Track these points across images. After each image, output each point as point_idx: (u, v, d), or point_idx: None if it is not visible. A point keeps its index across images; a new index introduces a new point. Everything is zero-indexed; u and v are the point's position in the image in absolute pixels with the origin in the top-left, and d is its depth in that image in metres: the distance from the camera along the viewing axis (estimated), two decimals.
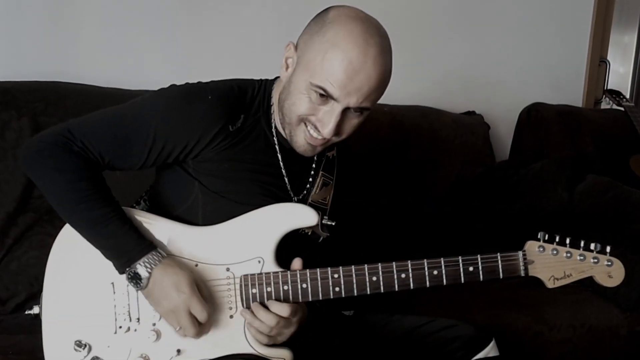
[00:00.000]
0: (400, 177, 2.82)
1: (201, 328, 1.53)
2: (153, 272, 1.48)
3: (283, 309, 1.53)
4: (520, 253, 1.61)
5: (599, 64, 3.61)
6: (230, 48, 2.83)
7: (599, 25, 3.55)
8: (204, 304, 1.50)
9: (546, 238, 1.61)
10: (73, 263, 1.57)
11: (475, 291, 2.31)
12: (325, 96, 1.49)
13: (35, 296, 2.12)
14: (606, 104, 3.64)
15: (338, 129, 1.55)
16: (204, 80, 1.64)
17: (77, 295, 1.56)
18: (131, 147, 1.55)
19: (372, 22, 1.52)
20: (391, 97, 1.56)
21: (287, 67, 1.59)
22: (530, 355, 2.19)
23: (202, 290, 1.53)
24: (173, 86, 1.62)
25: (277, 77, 1.68)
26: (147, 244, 1.51)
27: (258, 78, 1.71)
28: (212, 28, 2.80)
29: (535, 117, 3.20)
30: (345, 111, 1.52)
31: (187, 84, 1.62)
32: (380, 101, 1.59)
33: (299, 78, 1.53)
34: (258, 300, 1.56)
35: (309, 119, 1.54)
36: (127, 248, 1.49)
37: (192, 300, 1.48)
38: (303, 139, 1.58)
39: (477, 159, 3.01)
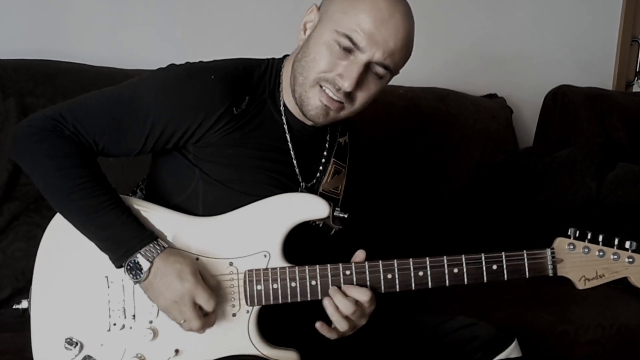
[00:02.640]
0: (415, 165, 2.81)
1: (206, 321, 1.52)
2: (154, 262, 1.48)
3: (364, 293, 1.54)
4: (548, 251, 1.61)
5: (630, 43, 3.58)
6: (234, 24, 2.81)
7: (632, 1, 3.52)
8: (210, 292, 1.50)
9: (577, 235, 1.60)
10: (64, 255, 1.57)
11: (496, 288, 2.30)
12: (349, 49, 1.51)
13: (21, 291, 2.13)
14: (638, 86, 3.63)
15: (358, 86, 1.55)
16: (205, 60, 1.63)
17: (68, 290, 1.56)
18: (127, 132, 1.55)
19: None
20: (406, 78, 1.55)
21: (305, 31, 1.60)
22: (555, 357, 2.19)
23: (209, 280, 1.53)
24: (172, 66, 1.62)
25: (286, 56, 1.68)
26: (147, 234, 1.51)
27: (265, 57, 1.70)
28: (213, 1, 2.79)
29: (561, 101, 3.17)
30: (367, 69, 1.54)
31: (187, 63, 1.62)
32: (394, 82, 1.59)
33: (320, 32, 1.55)
34: (263, 297, 1.56)
35: (326, 77, 1.55)
36: (125, 239, 1.49)
37: (197, 289, 1.48)
38: (317, 100, 1.58)
39: (498, 145, 3.00)
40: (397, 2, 1.52)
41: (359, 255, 1.58)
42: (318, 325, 1.57)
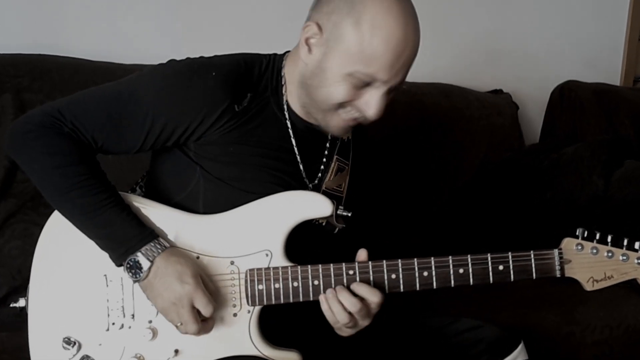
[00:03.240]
0: (418, 162, 2.81)
1: (203, 325, 1.52)
2: (155, 261, 1.48)
3: (373, 293, 1.53)
4: (555, 251, 1.61)
5: (638, 38, 3.58)
6: (235, 18, 2.81)
7: None
8: (210, 297, 1.50)
9: (585, 235, 1.60)
10: (63, 252, 1.57)
11: (501, 288, 2.26)
12: (370, 83, 1.51)
13: (17, 290, 2.13)
14: None
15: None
16: (206, 55, 1.63)
17: (66, 288, 1.56)
18: (127, 130, 1.55)
19: None
20: (410, 73, 1.54)
21: (309, 49, 1.56)
22: (561, 358, 2.19)
23: (208, 284, 1.53)
24: (173, 61, 1.61)
25: (288, 52, 1.67)
26: (148, 233, 1.51)
27: (266, 53, 1.69)
28: None
29: (568, 97, 3.18)
30: (389, 90, 1.54)
31: (188, 59, 1.61)
32: None
33: (333, 65, 1.52)
34: (265, 297, 1.56)
35: (348, 104, 1.55)
36: (125, 237, 1.49)
37: (197, 293, 1.48)
38: (340, 121, 1.59)
39: (504, 142, 3.00)
40: (407, 17, 1.49)
41: (362, 254, 1.58)
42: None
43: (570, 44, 3.41)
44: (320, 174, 1.72)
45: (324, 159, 1.73)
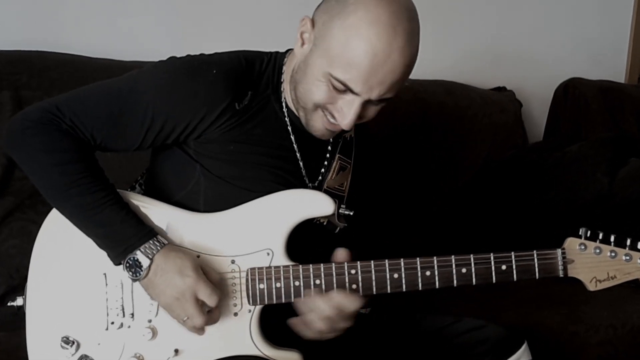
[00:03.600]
0: (420, 161, 2.81)
1: (209, 318, 1.52)
2: (154, 259, 1.48)
3: (351, 301, 1.52)
4: (559, 251, 1.61)
5: None
6: (237, 14, 2.81)
7: None
8: (213, 287, 1.49)
9: (588, 235, 1.60)
10: (61, 251, 1.57)
11: (504, 288, 2.26)
12: (344, 90, 1.49)
13: (15, 289, 2.13)
14: None
15: (358, 119, 1.55)
16: (206, 52, 1.63)
17: (64, 287, 1.56)
18: (126, 127, 1.55)
19: (402, 3, 1.48)
20: (413, 72, 1.54)
21: (302, 43, 1.57)
22: (565, 358, 2.18)
23: (211, 275, 1.53)
24: (173, 59, 1.61)
25: (289, 50, 1.67)
26: (147, 231, 1.51)
27: (268, 50, 1.70)
28: None
29: (572, 94, 3.17)
30: (366, 102, 1.52)
31: (188, 56, 1.62)
32: None
33: (315, 62, 1.51)
34: (266, 296, 1.56)
35: (326, 107, 1.54)
36: (124, 236, 1.49)
37: (199, 284, 1.48)
38: (321, 125, 1.58)
39: (507, 140, 3.00)
40: (397, 33, 1.43)
41: (340, 254, 1.58)
42: (292, 321, 1.57)
43: (574, 40, 3.40)
44: (322, 173, 1.72)
45: (326, 158, 1.73)
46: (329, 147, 1.73)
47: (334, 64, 1.47)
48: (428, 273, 1.56)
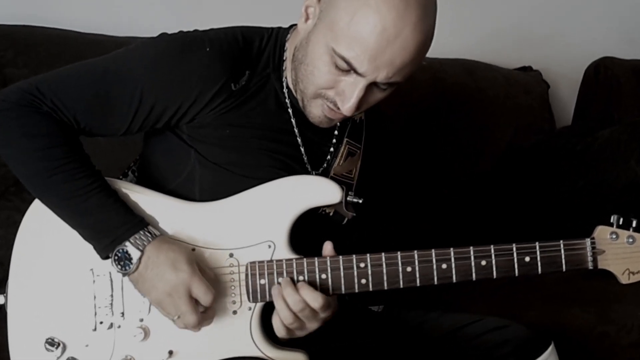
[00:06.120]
0: (439, 146, 2.81)
1: (203, 317, 1.51)
2: (145, 251, 1.47)
3: (315, 298, 1.50)
4: (588, 241, 1.59)
5: None
6: None
7: None
8: (208, 284, 1.48)
9: (620, 222, 1.58)
10: (45, 245, 1.56)
11: (529, 284, 2.27)
12: (348, 70, 1.47)
13: (0, 283, 2.11)
14: None
15: (360, 104, 1.52)
16: (201, 28, 1.62)
17: (49, 284, 1.55)
18: (112, 109, 1.54)
19: None
20: (431, 50, 1.51)
21: (306, 18, 1.55)
22: None
23: (206, 272, 1.52)
24: (164, 35, 1.60)
25: (293, 26, 1.66)
26: (137, 221, 1.50)
27: (269, 26, 1.68)
28: None
29: (604, 75, 3.16)
30: (371, 85, 1.49)
31: (180, 32, 1.61)
32: None
33: (319, 38, 1.49)
34: (267, 292, 1.54)
35: (326, 94, 1.52)
36: (112, 226, 1.47)
37: (193, 280, 1.47)
38: (320, 111, 1.57)
39: (533, 124, 3.00)
40: (409, 7, 1.40)
41: (327, 247, 1.56)
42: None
43: (606, 17, 3.39)
44: (328, 159, 1.71)
45: (334, 141, 1.72)
46: (336, 132, 1.72)
47: (338, 39, 1.44)
48: (444, 266, 1.55)
